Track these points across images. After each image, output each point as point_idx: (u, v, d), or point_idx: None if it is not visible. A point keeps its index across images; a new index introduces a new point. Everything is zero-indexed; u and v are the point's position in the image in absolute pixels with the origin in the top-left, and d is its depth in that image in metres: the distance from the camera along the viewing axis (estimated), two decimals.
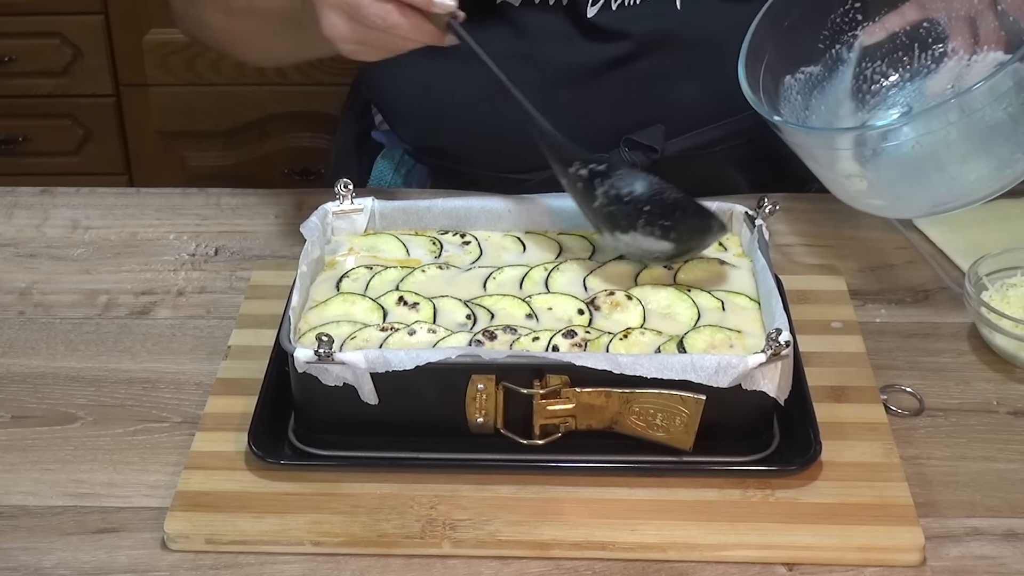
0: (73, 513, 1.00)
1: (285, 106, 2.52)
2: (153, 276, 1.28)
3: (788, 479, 0.99)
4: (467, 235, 1.18)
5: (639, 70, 1.35)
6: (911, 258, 1.28)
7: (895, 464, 1.00)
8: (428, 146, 1.47)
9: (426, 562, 0.95)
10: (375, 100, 1.51)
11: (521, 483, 0.99)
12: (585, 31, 1.34)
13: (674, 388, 0.96)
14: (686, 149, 1.39)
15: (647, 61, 1.35)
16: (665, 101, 1.37)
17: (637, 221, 1.10)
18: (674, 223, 1.09)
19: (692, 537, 0.95)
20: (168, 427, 1.08)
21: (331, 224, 1.17)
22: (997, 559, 0.95)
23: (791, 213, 1.32)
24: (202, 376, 1.13)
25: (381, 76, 1.46)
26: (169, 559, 0.96)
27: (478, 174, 1.42)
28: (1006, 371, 1.13)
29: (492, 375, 0.97)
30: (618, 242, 1.13)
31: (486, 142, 1.40)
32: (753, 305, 1.08)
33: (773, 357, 0.96)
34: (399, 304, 1.08)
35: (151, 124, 2.54)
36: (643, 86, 1.36)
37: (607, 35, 1.34)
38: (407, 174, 1.50)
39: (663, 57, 1.35)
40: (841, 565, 0.94)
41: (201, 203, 1.40)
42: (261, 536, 0.96)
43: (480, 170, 1.42)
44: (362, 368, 0.97)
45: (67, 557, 0.96)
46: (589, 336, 1.04)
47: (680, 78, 1.36)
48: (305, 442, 1.02)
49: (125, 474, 1.03)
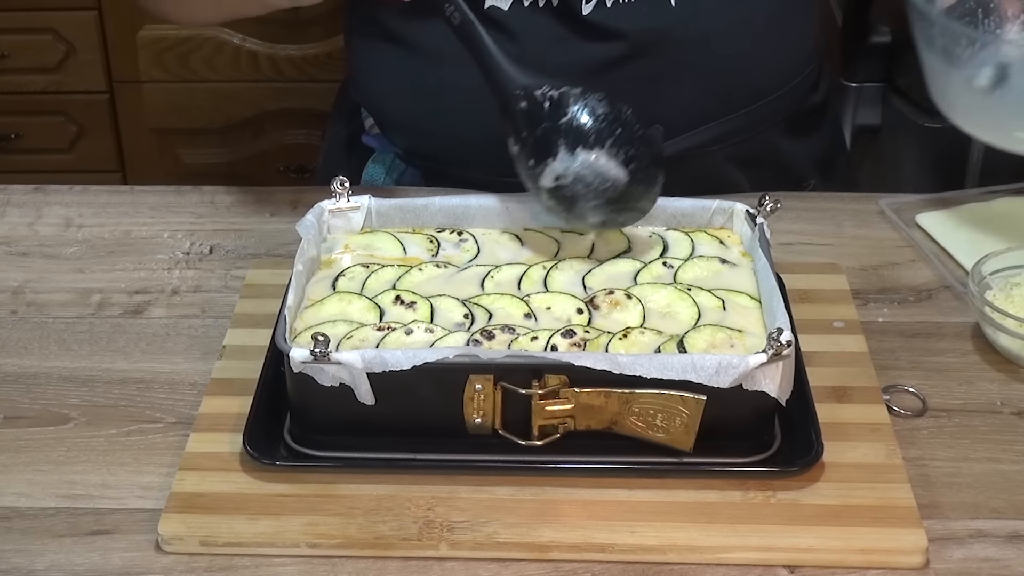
0: (66, 515, 0.99)
1: (281, 103, 2.52)
2: (147, 275, 1.27)
3: (789, 480, 0.98)
4: (464, 233, 1.17)
5: (635, 71, 1.34)
6: (914, 257, 1.28)
7: (898, 465, 1.00)
8: (419, 150, 1.46)
9: (423, 564, 0.94)
10: (365, 104, 1.50)
11: (519, 484, 0.98)
12: (579, 31, 1.33)
13: (674, 388, 0.96)
14: (685, 149, 1.38)
15: (642, 61, 1.34)
16: (662, 102, 1.36)
17: (607, 139, 1.11)
18: (637, 155, 1.11)
19: (692, 539, 0.94)
20: (162, 428, 1.07)
21: (327, 222, 1.16)
22: (1001, 561, 0.94)
23: (792, 211, 1.32)
24: (197, 376, 1.12)
25: (370, 80, 1.45)
26: (163, 561, 0.95)
27: (470, 177, 1.41)
28: (1010, 371, 1.12)
29: (490, 375, 0.97)
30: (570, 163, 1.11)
31: (477, 145, 1.39)
32: (754, 304, 1.07)
33: (774, 357, 0.96)
34: (396, 303, 1.08)
35: (145, 121, 2.54)
36: (640, 87, 1.35)
37: (602, 34, 1.33)
38: (399, 177, 1.49)
39: (658, 57, 1.34)
40: (843, 567, 0.93)
41: (196, 201, 1.39)
42: (256, 538, 0.95)
43: (472, 173, 1.41)
44: (358, 368, 0.96)
45: (60, 559, 0.95)
46: (588, 336, 1.03)
47: (676, 78, 1.36)
48: (301, 443, 1.01)
49: (119, 475, 1.02)
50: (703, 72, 1.35)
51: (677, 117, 1.37)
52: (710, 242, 1.15)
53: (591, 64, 1.33)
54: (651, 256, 1.14)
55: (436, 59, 1.35)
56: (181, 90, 2.50)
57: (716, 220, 1.17)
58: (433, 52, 1.35)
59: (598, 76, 1.33)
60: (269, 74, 2.48)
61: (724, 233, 1.16)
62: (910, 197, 1.36)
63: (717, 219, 1.17)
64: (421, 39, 1.37)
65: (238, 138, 2.57)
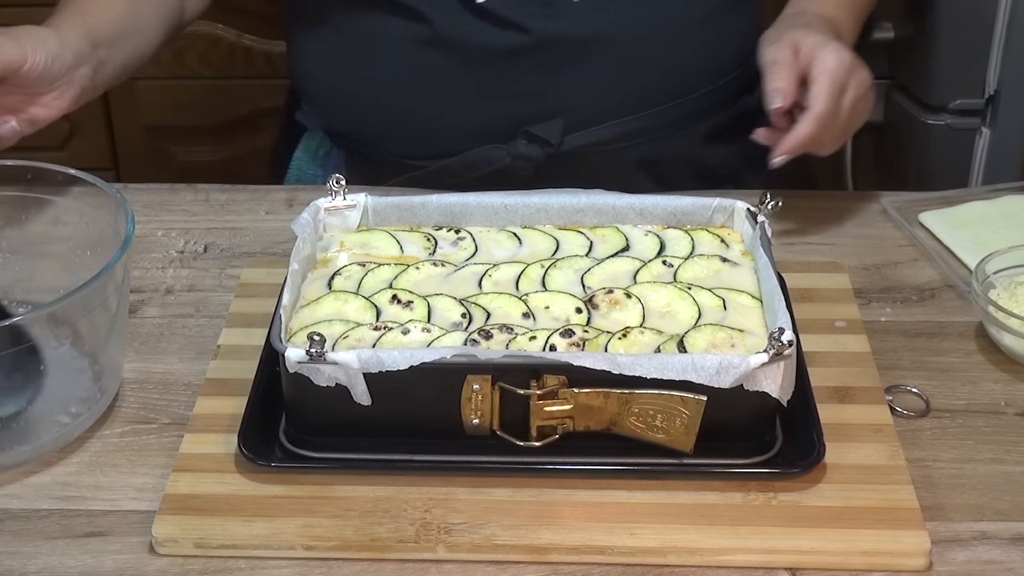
0: (59, 516, 0.98)
1: (276, 100, 2.50)
2: (141, 274, 1.27)
3: (791, 482, 0.98)
4: (462, 231, 1.16)
5: (537, 62, 1.36)
6: (917, 256, 1.28)
7: (900, 466, 0.99)
8: (337, 128, 1.49)
9: (420, 567, 0.94)
10: (295, 83, 1.54)
11: (518, 486, 0.98)
12: (480, 16, 1.35)
13: (674, 389, 0.95)
14: (584, 144, 1.39)
15: (544, 54, 1.35)
16: (564, 95, 1.37)
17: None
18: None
19: (693, 541, 0.94)
20: (156, 428, 1.07)
21: (323, 221, 1.16)
22: (1005, 564, 0.93)
23: (794, 210, 1.31)
24: (191, 376, 1.12)
25: (298, 57, 1.48)
26: (157, 563, 0.94)
27: (382, 158, 1.44)
28: (1014, 371, 1.12)
29: (488, 375, 0.96)
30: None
31: (386, 127, 1.42)
32: (755, 304, 1.06)
33: (776, 357, 0.95)
34: (392, 303, 1.07)
35: (138, 118, 2.53)
36: (542, 79, 1.36)
37: (501, 23, 1.34)
38: (325, 156, 1.52)
39: (560, 52, 1.36)
40: (845, 570, 0.93)
41: (190, 199, 1.39)
42: (251, 540, 0.95)
43: (383, 155, 1.44)
44: (355, 368, 0.96)
45: (52, 562, 0.95)
46: (587, 335, 1.03)
47: (578, 73, 1.36)
48: (296, 444, 1.01)
49: (112, 476, 1.02)
50: (604, 70, 1.36)
51: (578, 112, 1.37)
52: (711, 241, 1.14)
53: (495, 50, 1.35)
54: (650, 255, 1.13)
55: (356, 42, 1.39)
56: (175, 87, 2.49)
57: (717, 218, 1.16)
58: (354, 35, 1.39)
59: (503, 62, 1.34)
60: (264, 71, 2.47)
61: (725, 231, 1.15)
62: (913, 195, 1.36)
63: (718, 217, 1.16)
64: (344, 21, 1.39)
65: (233, 136, 2.56)
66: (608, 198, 1.16)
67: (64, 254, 1.15)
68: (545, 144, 1.37)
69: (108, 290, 1.03)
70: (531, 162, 1.38)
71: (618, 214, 1.16)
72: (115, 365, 1.09)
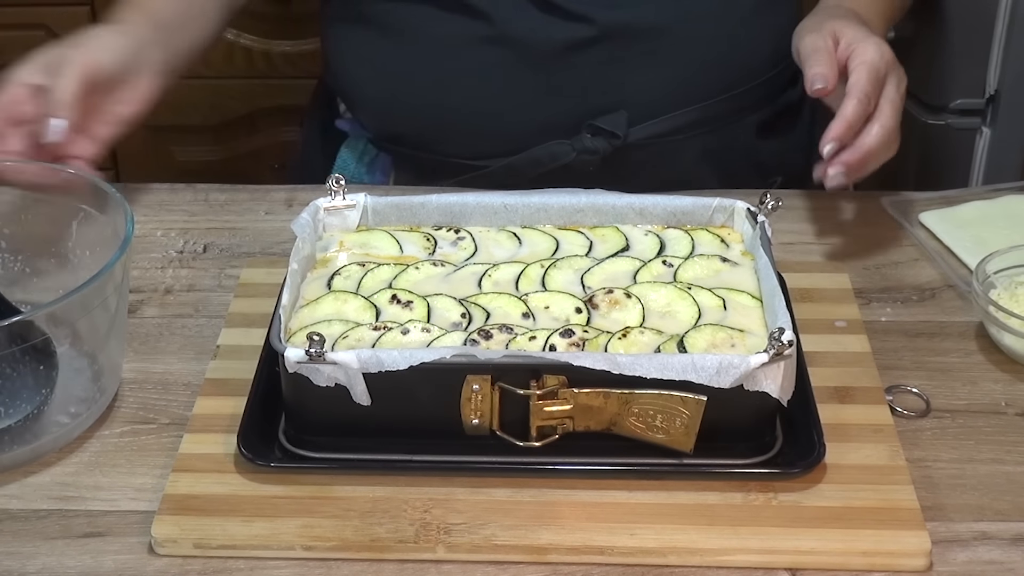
0: (58, 517, 0.98)
1: (275, 100, 2.51)
2: (140, 274, 1.26)
3: (791, 482, 0.97)
4: (461, 231, 1.16)
5: (601, 55, 1.35)
6: (917, 256, 1.28)
7: (901, 467, 0.99)
8: (388, 133, 1.47)
9: (420, 567, 0.94)
10: (338, 88, 1.52)
11: (517, 486, 0.98)
12: (546, 11, 1.34)
13: (674, 389, 0.95)
14: (649, 136, 1.38)
15: (609, 46, 1.35)
16: (628, 87, 1.37)
17: None
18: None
19: (693, 541, 0.94)
20: (155, 428, 1.06)
21: (322, 220, 1.16)
22: (1006, 564, 0.93)
23: (794, 209, 1.31)
24: (190, 376, 1.12)
25: (343, 62, 1.46)
26: (156, 564, 0.94)
27: (438, 161, 1.42)
28: (1015, 371, 1.12)
29: (488, 375, 0.96)
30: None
31: (442, 128, 1.41)
32: (755, 304, 1.06)
33: (776, 357, 0.95)
34: (392, 302, 1.07)
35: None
36: (607, 70, 1.35)
37: (569, 16, 1.34)
38: (370, 163, 1.50)
39: (625, 42, 1.35)
40: (846, 570, 0.93)
41: (189, 199, 1.39)
42: (251, 540, 0.94)
43: (439, 157, 1.42)
44: (354, 368, 0.95)
45: (51, 562, 0.94)
46: (587, 335, 1.03)
47: (643, 64, 1.36)
48: (296, 444, 1.01)
49: (111, 477, 1.02)
50: (670, 60, 1.35)
51: (643, 104, 1.37)
52: (711, 240, 1.14)
53: (559, 44, 1.34)
54: (650, 255, 1.13)
55: (408, 42, 1.36)
56: (175, 87, 2.48)
57: (717, 218, 1.16)
58: (405, 35, 1.37)
59: (568, 55, 1.34)
60: (264, 70, 2.47)
61: (725, 231, 1.15)
62: (913, 195, 1.36)
63: (718, 217, 1.16)
64: (393, 22, 1.38)
65: (232, 135, 2.55)
66: (608, 198, 1.16)
67: (64, 254, 1.15)
68: (611, 137, 1.36)
69: (107, 290, 1.03)
70: (596, 156, 1.36)
71: (618, 214, 1.16)
72: (114, 365, 1.09)
